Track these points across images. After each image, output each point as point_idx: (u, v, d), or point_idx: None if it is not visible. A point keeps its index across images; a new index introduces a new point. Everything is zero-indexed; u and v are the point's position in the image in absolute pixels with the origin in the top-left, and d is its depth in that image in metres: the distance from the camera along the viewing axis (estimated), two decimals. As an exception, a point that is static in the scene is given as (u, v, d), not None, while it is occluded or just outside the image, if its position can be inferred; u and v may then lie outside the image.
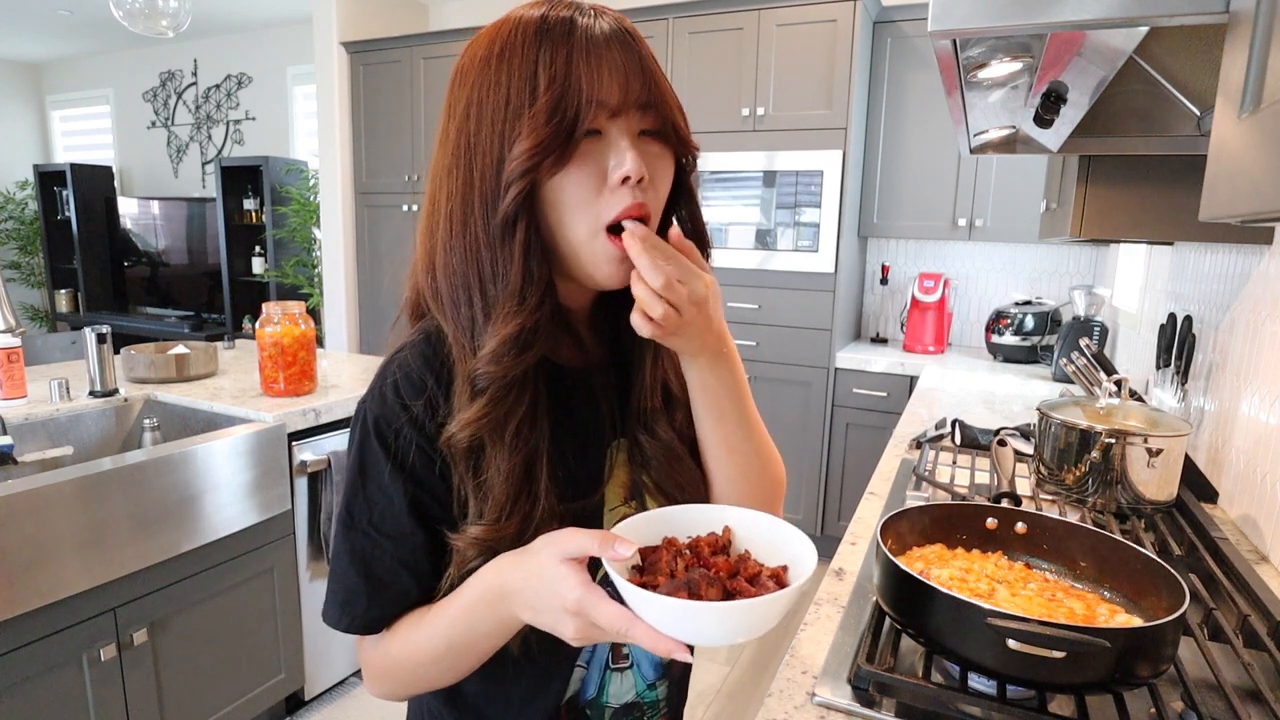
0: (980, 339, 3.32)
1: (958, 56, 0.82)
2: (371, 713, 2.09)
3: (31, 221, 6.19)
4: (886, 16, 3.00)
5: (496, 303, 0.59)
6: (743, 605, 0.48)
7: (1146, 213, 1.38)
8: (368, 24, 4.03)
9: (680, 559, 0.55)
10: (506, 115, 0.56)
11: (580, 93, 0.55)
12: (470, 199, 0.59)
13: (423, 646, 0.61)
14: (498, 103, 0.57)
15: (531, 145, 0.55)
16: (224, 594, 1.78)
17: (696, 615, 0.48)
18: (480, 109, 0.58)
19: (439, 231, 0.61)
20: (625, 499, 0.69)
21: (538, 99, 0.55)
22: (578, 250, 0.59)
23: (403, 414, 0.61)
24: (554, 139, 0.55)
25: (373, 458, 0.61)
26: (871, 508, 1.27)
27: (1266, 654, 0.80)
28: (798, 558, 0.55)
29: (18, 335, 1.72)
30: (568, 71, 0.55)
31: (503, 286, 0.59)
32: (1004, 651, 0.63)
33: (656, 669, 0.74)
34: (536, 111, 0.55)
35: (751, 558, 0.57)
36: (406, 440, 0.61)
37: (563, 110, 0.55)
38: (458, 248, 0.60)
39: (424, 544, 0.62)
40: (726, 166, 3.06)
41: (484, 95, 0.58)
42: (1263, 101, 0.46)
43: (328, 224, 4.16)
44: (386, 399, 0.61)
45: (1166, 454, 1.17)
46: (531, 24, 0.57)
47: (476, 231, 0.59)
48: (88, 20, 5.10)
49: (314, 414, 1.93)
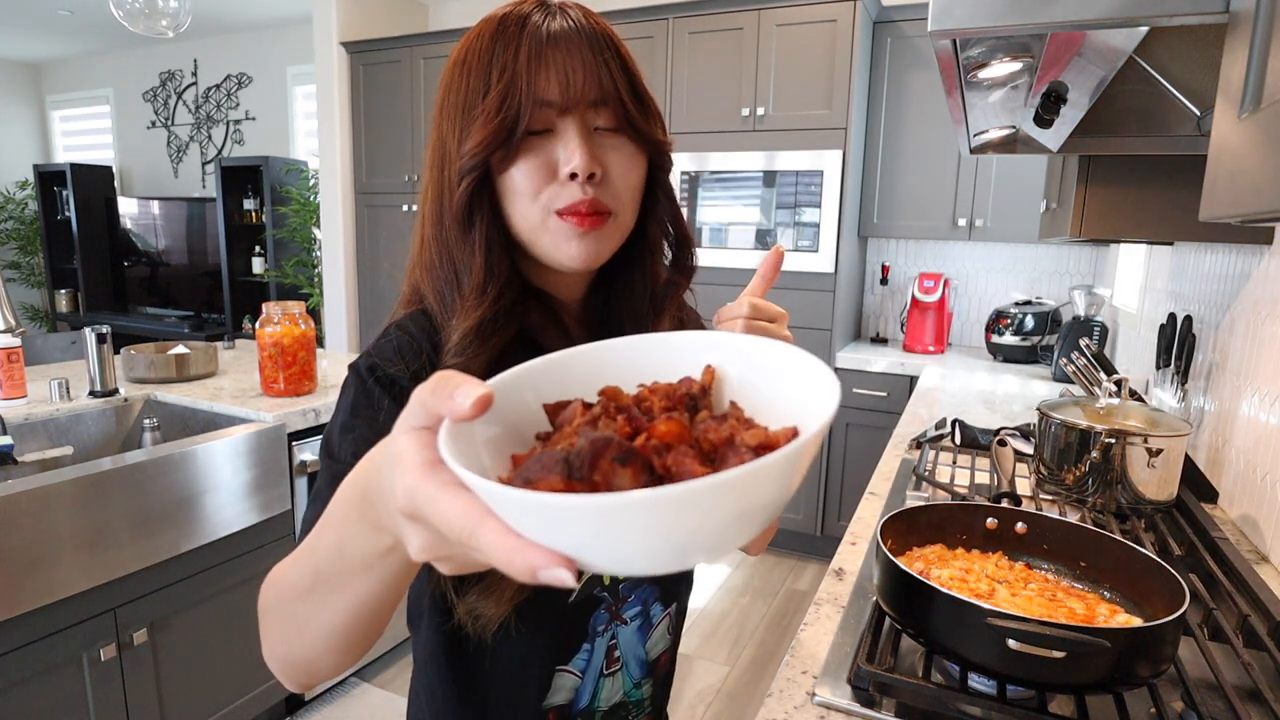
0: (980, 339, 3.32)
1: (958, 56, 0.82)
2: (372, 713, 2.09)
3: (31, 221, 6.19)
4: (886, 16, 3.00)
5: (461, 290, 0.61)
6: (645, 496, 0.25)
7: (1146, 213, 1.38)
8: (368, 24, 4.03)
9: (607, 421, 0.33)
10: (463, 114, 0.59)
11: (521, 90, 0.57)
12: (441, 196, 0.62)
13: (289, 575, 0.46)
14: (458, 103, 0.59)
15: (477, 141, 0.57)
16: (224, 594, 1.78)
17: (569, 513, 0.26)
18: (445, 109, 0.61)
19: (425, 228, 0.64)
20: None
21: (488, 96, 0.57)
22: (536, 236, 0.61)
23: (401, 367, 0.61)
24: (498, 134, 0.57)
25: (366, 399, 0.60)
26: (871, 508, 1.27)
27: (1266, 654, 0.80)
28: (809, 412, 0.33)
29: (18, 335, 1.72)
30: (514, 69, 0.57)
31: (467, 279, 0.61)
32: (1004, 651, 0.63)
33: (642, 667, 0.74)
34: (486, 108, 0.57)
35: (739, 415, 0.34)
36: (400, 391, 0.59)
37: (507, 107, 0.56)
38: (434, 243, 0.63)
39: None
40: (726, 166, 3.06)
41: (449, 96, 0.61)
42: (1263, 101, 0.46)
43: (328, 224, 4.16)
44: (384, 353, 0.61)
45: (1166, 454, 1.17)
46: (493, 23, 0.59)
47: (448, 226, 0.61)
48: (88, 20, 5.10)
49: (314, 414, 1.93)
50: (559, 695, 0.68)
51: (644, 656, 0.74)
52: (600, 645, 0.70)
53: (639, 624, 0.73)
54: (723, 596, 2.86)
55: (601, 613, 0.69)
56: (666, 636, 0.76)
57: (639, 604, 0.72)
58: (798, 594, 2.90)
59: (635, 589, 0.71)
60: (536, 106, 0.57)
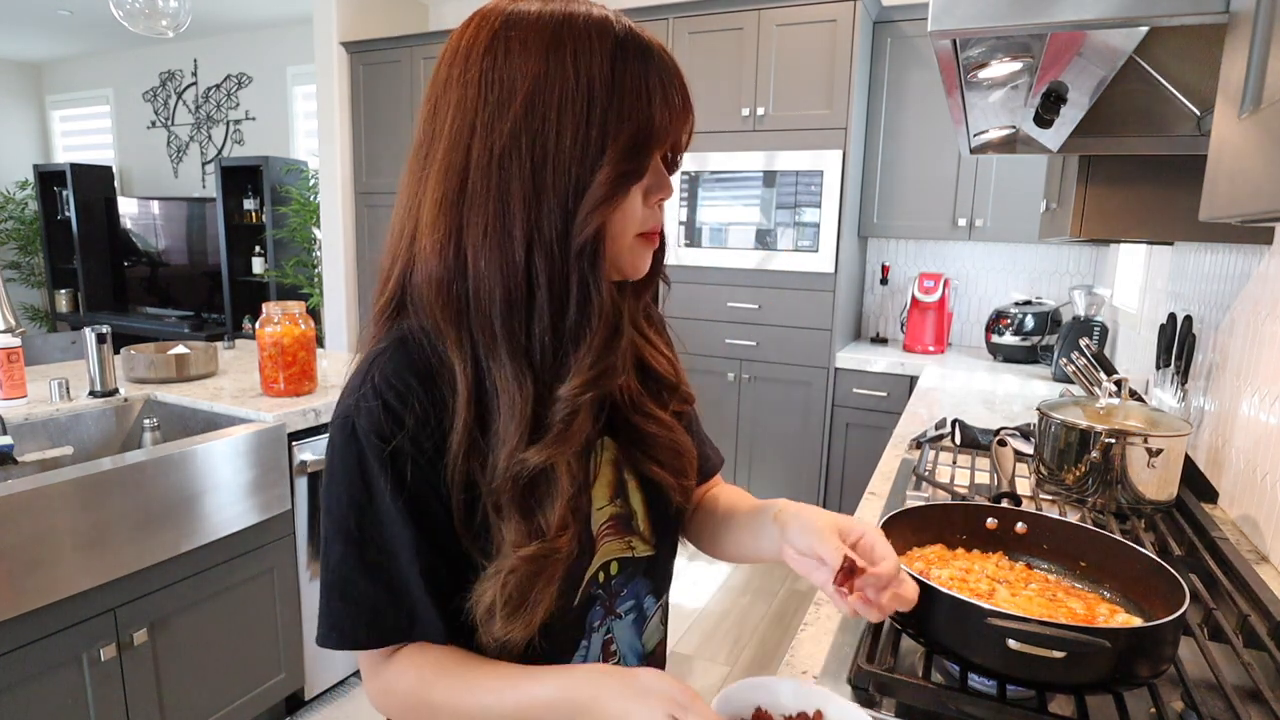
0: (980, 339, 3.32)
1: (958, 56, 0.82)
2: (372, 713, 2.09)
3: (31, 221, 6.19)
4: (886, 16, 3.00)
5: (571, 320, 0.58)
6: None
7: (1146, 213, 1.38)
8: (368, 24, 4.03)
9: None
10: (587, 132, 0.56)
11: (668, 135, 0.60)
12: (534, 205, 0.56)
13: (470, 712, 0.59)
14: (578, 115, 0.56)
15: (621, 171, 0.57)
16: (224, 594, 1.78)
17: None
18: (553, 109, 0.56)
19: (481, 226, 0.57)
20: (610, 498, 0.70)
21: (625, 126, 0.57)
22: (621, 253, 0.62)
23: (396, 429, 0.58)
24: (633, 171, 0.58)
25: (372, 475, 0.59)
26: (871, 508, 1.27)
27: (1266, 654, 0.80)
28: None
29: (18, 335, 1.72)
30: (668, 116, 0.59)
31: (580, 305, 0.58)
32: (1004, 651, 0.63)
33: (640, 659, 0.76)
34: (623, 139, 0.57)
35: None
36: (404, 457, 0.58)
37: (652, 146, 0.59)
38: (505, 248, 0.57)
39: (437, 558, 0.61)
40: (726, 166, 3.06)
41: (556, 94, 0.56)
42: (1263, 101, 0.46)
43: (328, 224, 4.16)
44: (379, 416, 0.58)
45: (1166, 454, 1.17)
46: (607, 35, 0.57)
47: (546, 239, 0.57)
48: (88, 20, 5.10)
49: (314, 414, 1.93)
50: None
51: (640, 649, 0.75)
52: (596, 640, 0.70)
53: (634, 617, 0.74)
54: (723, 596, 2.86)
55: (597, 609, 0.70)
56: (660, 628, 0.78)
57: (632, 598, 0.73)
58: (798, 594, 2.90)
59: (628, 583, 0.72)
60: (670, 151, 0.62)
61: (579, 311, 0.58)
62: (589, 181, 0.56)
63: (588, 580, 0.68)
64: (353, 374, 0.62)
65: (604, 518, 0.68)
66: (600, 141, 0.56)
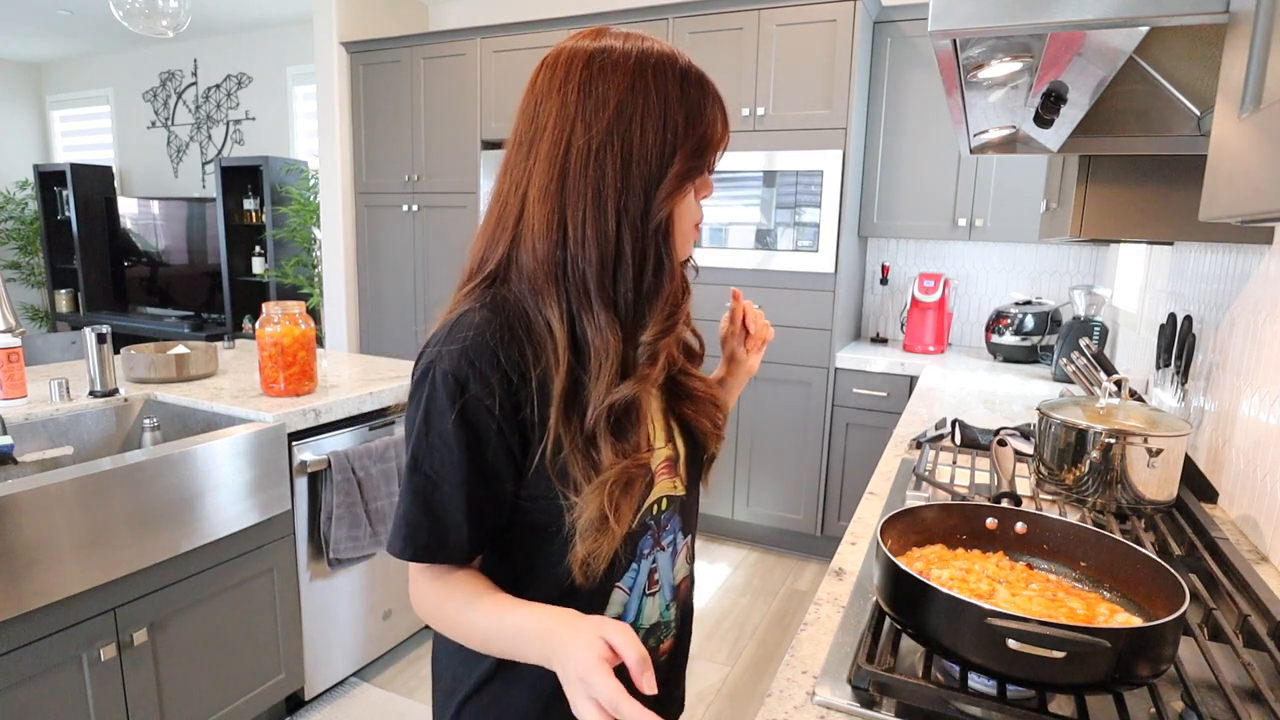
0: (980, 339, 3.32)
1: (958, 56, 0.82)
2: (371, 713, 2.09)
3: (31, 221, 6.19)
4: (886, 16, 3.00)
5: (649, 282, 0.73)
6: None
7: (1146, 213, 1.38)
8: (368, 24, 4.03)
9: None
10: (664, 136, 0.70)
11: (713, 138, 0.74)
12: (624, 190, 0.70)
13: (469, 628, 0.72)
14: (658, 123, 0.70)
15: (682, 169, 0.71)
16: (224, 594, 1.78)
17: None
18: (639, 117, 0.70)
19: (581, 205, 0.70)
20: (665, 441, 0.82)
21: (691, 135, 0.72)
22: (684, 239, 0.77)
23: (473, 374, 0.68)
24: (696, 169, 0.73)
25: (438, 409, 0.69)
26: (871, 508, 1.27)
27: (1266, 654, 0.80)
28: None
29: (18, 335, 1.72)
30: (720, 130, 0.75)
31: (655, 270, 0.73)
32: (1004, 651, 0.63)
33: (672, 591, 0.85)
34: (689, 145, 0.72)
35: None
36: (474, 401, 0.68)
37: (703, 150, 0.73)
38: (600, 223, 0.70)
39: (479, 491, 0.71)
40: (726, 166, 3.06)
41: (640, 106, 0.70)
42: (1263, 101, 0.46)
43: (328, 224, 4.16)
44: (458, 360, 0.68)
45: (1166, 454, 1.17)
46: (675, 65, 0.72)
47: (632, 217, 0.71)
48: (88, 20, 5.10)
49: (314, 414, 1.93)
50: (612, 610, 0.79)
51: (674, 581, 0.85)
52: (644, 567, 0.80)
53: (671, 550, 0.84)
54: (723, 596, 2.86)
55: (648, 538, 0.80)
56: (685, 564, 0.88)
57: (672, 532, 0.84)
58: (798, 594, 2.90)
59: (671, 518, 0.83)
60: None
61: (655, 275, 0.73)
62: (663, 175, 0.71)
63: (645, 510, 0.79)
64: (439, 328, 0.72)
65: (660, 458, 0.80)
66: (673, 144, 0.71)
